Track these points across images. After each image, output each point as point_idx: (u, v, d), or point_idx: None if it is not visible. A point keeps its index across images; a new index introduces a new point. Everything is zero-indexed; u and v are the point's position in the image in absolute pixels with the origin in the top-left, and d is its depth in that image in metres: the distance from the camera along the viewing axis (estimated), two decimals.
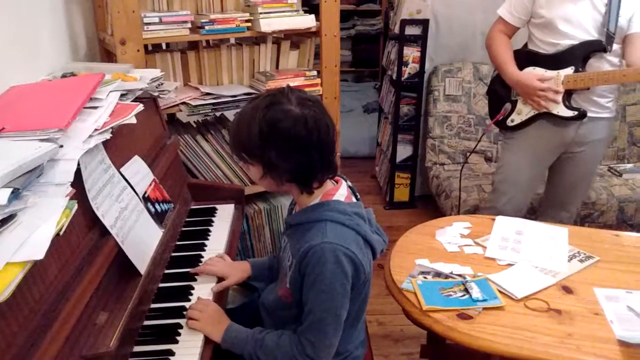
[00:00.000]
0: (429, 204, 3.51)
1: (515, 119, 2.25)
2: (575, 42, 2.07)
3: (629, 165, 3.23)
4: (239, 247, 2.37)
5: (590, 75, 2.05)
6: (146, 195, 1.50)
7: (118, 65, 1.86)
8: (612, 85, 2.12)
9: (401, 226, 3.40)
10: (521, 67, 2.19)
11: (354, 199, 1.40)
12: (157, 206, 1.54)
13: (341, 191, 1.36)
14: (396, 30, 3.32)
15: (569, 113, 2.13)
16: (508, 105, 2.27)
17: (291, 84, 2.26)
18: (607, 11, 2.02)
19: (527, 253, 1.64)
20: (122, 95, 1.56)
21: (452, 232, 1.76)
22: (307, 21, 2.27)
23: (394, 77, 3.42)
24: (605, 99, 2.16)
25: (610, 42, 2.04)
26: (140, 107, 1.47)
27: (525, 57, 2.20)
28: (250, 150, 1.25)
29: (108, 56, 2.20)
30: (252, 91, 2.24)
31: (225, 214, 1.89)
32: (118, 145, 1.47)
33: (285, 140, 1.21)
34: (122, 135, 1.51)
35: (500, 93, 2.32)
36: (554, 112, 2.14)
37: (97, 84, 1.45)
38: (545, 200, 2.45)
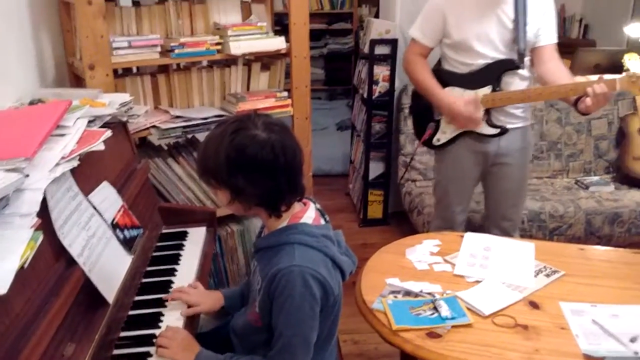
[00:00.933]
0: (403, 221, 3.54)
1: (441, 138, 2.31)
2: (489, 60, 2.14)
3: (595, 178, 3.31)
4: (212, 270, 2.36)
5: (507, 94, 2.14)
6: (115, 222, 1.50)
7: (86, 91, 1.86)
8: None
9: (375, 243, 3.41)
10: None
11: (322, 221, 1.41)
12: (126, 232, 1.54)
13: (309, 213, 1.37)
14: (366, 50, 3.37)
15: (492, 131, 2.21)
16: (432, 125, 2.32)
17: (262, 105, 2.30)
18: (515, 27, 2.10)
19: (495, 269, 1.68)
20: (90, 121, 1.56)
21: (422, 250, 1.79)
22: (277, 43, 2.30)
23: (365, 95, 3.46)
24: (519, 110, 2.25)
25: (522, 59, 2.13)
26: (108, 133, 1.47)
27: (443, 77, 2.25)
28: (218, 175, 1.26)
29: (77, 81, 2.19)
30: (223, 113, 2.25)
31: (196, 237, 1.89)
32: (86, 172, 1.47)
33: (252, 165, 1.22)
34: (91, 161, 1.50)
35: (423, 113, 2.36)
36: (477, 130, 2.22)
37: (65, 111, 1.45)
38: (487, 214, 2.51)
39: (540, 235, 2.90)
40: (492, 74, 2.16)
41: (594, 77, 2.01)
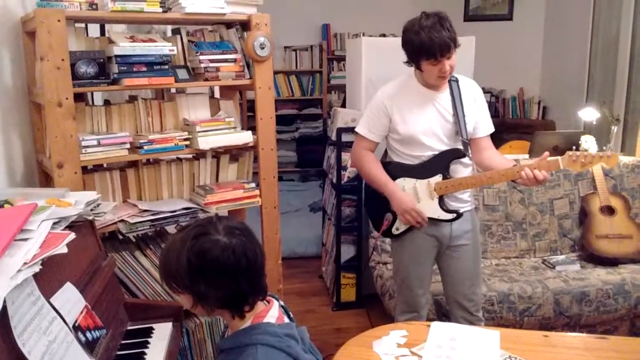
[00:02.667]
0: (376, 304, 3.53)
1: (400, 227, 2.37)
2: (436, 151, 2.27)
3: (561, 257, 3.37)
4: None
5: (459, 180, 2.27)
6: (77, 324, 1.48)
7: (53, 190, 1.88)
8: None
9: (349, 328, 3.40)
10: (393, 178, 2.34)
11: (286, 319, 1.43)
12: (88, 334, 1.52)
13: (272, 312, 1.39)
14: (334, 137, 3.49)
15: (448, 216, 2.32)
16: (389, 215, 2.38)
17: (230, 197, 2.34)
18: (455, 121, 2.26)
19: None
20: (55, 222, 1.58)
21: (388, 342, 1.79)
22: (244, 137, 2.38)
23: (335, 180, 3.54)
24: (466, 194, 2.39)
25: (466, 148, 2.30)
26: (71, 236, 1.48)
27: (393, 170, 2.36)
28: (180, 280, 1.28)
29: (46, 178, 2.22)
30: (192, 205, 2.29)
31: (162, 333, 1.87)
32: (49, 274, 1.47)
33: (214, 270, 1.25)
34: (54, 263, 1.50)
35: (378, 204, 2.43)
36: (435, 216, 2.31)
37: (29, 215, 1.46)
38: (448, 297, 2.55)
39: (510, 317, 2.91)
40: (441, 163, 2.29)
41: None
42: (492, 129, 2.39)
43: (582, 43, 5.08)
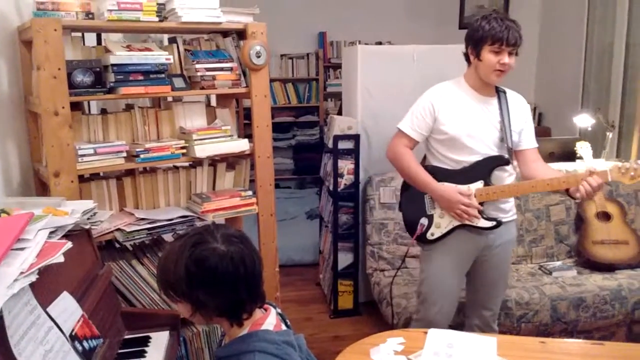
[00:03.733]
0: (374, 311, 3.53)
1: (435, 232, 2.33)
2: (479, 156, 2.24)
3: (558, 263, 3.38)
4: None
5: (500, 187, 2.23)
6: (73, 334, 1.48)
7: (50, 199, 1.88)
8: None
9: (346, 335, 3.40)
10: None
11: (283, 326, 1.43)
12: (85, 343, 1.52)
13: (270, 320, 1.39)
14: (330, 144, 3.50)
15: (488, 224, 2.27)
16: (424, 220, 2.34)
17: (227, 204, 2.34)
18: (501, 128, 2.24)
19: None
20: (51, 232, 1.58)
21: (385, 350, 1.79)
22: (241, 145, 2.38)
23: (331, 188, 3.55)
24: (508, 204, 2.35)
25: (511, 155, 2.26)
26: (68, 245, 1.48)
27: (434, 174, 2.31)
28: (178, 289, 1.28)
29: (43, 187, 2.22)
30: (188, 213, 2.29)
31: (159, 342, 1.87)
32: (46, 283, 1.47)
33: (212, 278, 1.25)
34: (51, 272, 1.50)
35: (413, 209, 2.39)
36: (474, 224, 2.26)
37: (25, 224, 1.46)
38: (468, 303, 2.53)
39: (508, 323, 2.91)
40: (483, 170, 2.25)
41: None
42: (536, 144, 2.36)
43: (577, 50, 5.12)
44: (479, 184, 2.25)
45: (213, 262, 1.24)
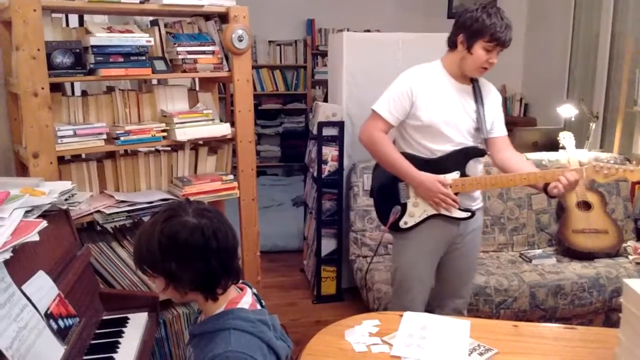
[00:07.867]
0: (356, 297, 3.56)
1: (409, 221, 2.31)
2: (454, 145, 2.22)
3: (538, 251, 3.42)
4: (157, 355, 2.32)
5: (477, 179, 2.23)
6: (49, 312, 1.49)
7: (28, 180, 1.88)
8: None
9: (328, 321, 3.38)
10: None
11: (258, 306, 1.45)
12: (60, 322, 1.52)
13: (246, 299, 1.41)
14: (314, 131, 3.50)
15: (463, 214, 2.28)
16: (397, 208, 2.31)
17: (208, 188, 2.35)
18: (477, 118, 2.24)
19: (430, 349, 1.71)
20: (28, 211, 1.58)
21: (360, 331, 1.81)
22: (222, 129, 2.38)
23: (315, 174, 3.56)
24: (476, 192, 2.36)
25: (486, 146, 2.28)
26: (43, 224, 1.49)
27: (410, 161, 2.26)
28: (152, 263, 1.30)
29: (22, 168, 2.22)
30: (169, 197, 2.29)
31: (137, 323, 1.87)
32: (21, 261, 1.47)
33: (183, 250, 1.27)
34: (26, 250, 1.51)
35: (387, 196, 2.37)
36: (450, 213, 2.26)
37: (0, 203, 1.47)
38: (439, 292, 2.52)
39: (487, 309, 2.95)
40: (459, 160, 2.24)
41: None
42: (506, 132, 2.36)
43: (563, 41, 5.15)
44: (455, 175, 2.23)
45: (183, 234, 1.27)
